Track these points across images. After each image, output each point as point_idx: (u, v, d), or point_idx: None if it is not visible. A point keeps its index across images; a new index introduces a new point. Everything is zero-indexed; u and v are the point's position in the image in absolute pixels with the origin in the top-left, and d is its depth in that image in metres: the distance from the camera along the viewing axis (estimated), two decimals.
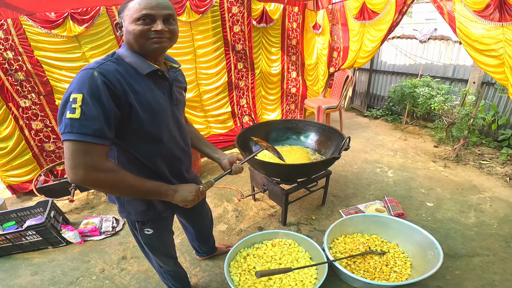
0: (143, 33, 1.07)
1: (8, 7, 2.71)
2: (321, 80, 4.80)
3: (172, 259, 1.66)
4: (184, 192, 1.21)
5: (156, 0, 1.08)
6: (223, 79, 3.89)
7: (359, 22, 4.11)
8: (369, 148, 4.14)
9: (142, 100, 1.09)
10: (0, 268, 2.29)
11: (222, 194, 3.15)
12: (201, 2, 3.34)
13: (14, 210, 2.74)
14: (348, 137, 2.26)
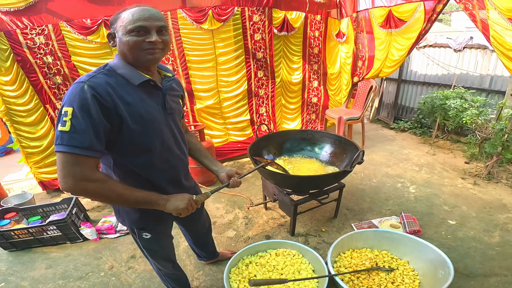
0: (137, 44, 1.11)
1: (49, 12, 2.98)
2: (344, 90, 4.72)
3: (170, 262, 1.70)
4: (176, 201, 1.23)
5: (149, 11, 1.12)
6: (243, 87, 3.97)
7: (385, 30, 4.02)
8: (392, 162, 4.00)
9: (133, 111, 1.12)
10: (19, 261, 2.47)
11: (234, 201, 3.19)
12: (223, 11, 3.47)
13: (41, 205, 2.97)
14: (362, 151, 2.24)
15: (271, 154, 2.88)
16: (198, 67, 3.68)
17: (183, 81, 3.67)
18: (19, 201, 3.23)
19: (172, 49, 3.50)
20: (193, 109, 3.84)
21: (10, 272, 2.32)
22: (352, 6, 4.18)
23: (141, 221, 1.38)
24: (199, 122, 3.87)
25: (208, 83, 3.81)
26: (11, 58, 3.03)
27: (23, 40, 2.99)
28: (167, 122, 1.28)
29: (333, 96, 4.86)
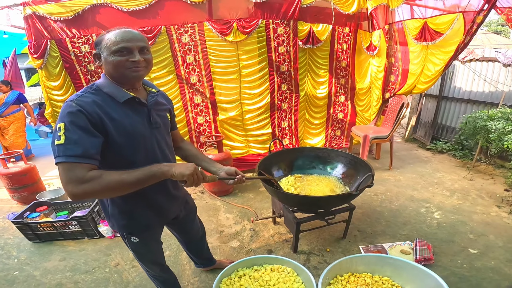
0: (121, 63, 1.22)
1: (94, 23, 3.36)
2: (374, 106, 4.54)
3: (158, 265, 1.79)
4: (181, 168, 1.22)
5: (131, 33, 1.24)
6: (266, 100, 4.03)
7: (420, 43, 3.85)
8: (420, 185, 3.76)
9: (118, 126, 1.22)
10: (38, 252, 2.74)
11: (245, 213, 3.24)
12: (247, 23, 3.59)
13: (70, 201, 3.28)
14: (371, 174, 2.17)
15: (281, 170, 2.88)
16: (222, 79, 3.83)
17: (208, 92, 3.84)
18: (52, 196, 3.61)
19: (198, 60, 3.69)
20: (216, 119, 3.98)
21: (27, 262, 2.58)
22: (385, 18, 4.06)
23: (128, 227, 1.48)
24: (221, 132, 4.01)
25: (231, 95, 3.93)
26: (60, 65, 3.44)
27: (71, 48, 3.39)
28: (152, 136, 1.36)
29: (361, 112, 4.69)
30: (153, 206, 1.50)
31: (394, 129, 4.04)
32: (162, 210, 1.56)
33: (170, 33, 3.53)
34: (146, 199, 1.44)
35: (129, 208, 1.44)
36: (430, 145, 5.01)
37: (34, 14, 3.21)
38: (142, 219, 1.47)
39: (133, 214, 1.45)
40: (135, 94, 1.32)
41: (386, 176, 4.02)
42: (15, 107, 5.54)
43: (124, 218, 1.44)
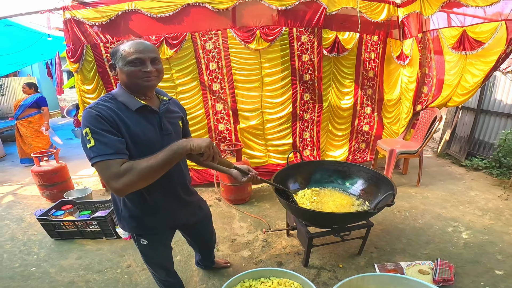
0: (135, 73, 1.32)
1: (125, 28, 3.57)
2: (404, 119, 4.32)
3: (164, 270, 1.83)
4: (199, 141, 1.27)
5: (144, 44, 1.34)
6: (288, 110, 4.00)
7: (457, 52, 3.62)
8: (450, 203, 3.54)
9: (131, 132, 1.32)
10: (58, 249, 2.90)
11: (259, 223, 3.22)
12: (270, 31, 3.61)
13: (93, 202, 3.44)
14: (391, 193, 2.07)
15: (297, 183, 2.84)
16: (244, 87, 3.87)
17: (229, 99, 3.89)
18: (79, 195, 3.80)
19: (221, 67, 3.76)
20: (236, 128, 4.02)
21: (45, 259, 2.73)
22: (418, 26, 3.88)
23: (138, 229, 1.56)
24: (241, 141, 4.04)
25: (252, 103, 3.96)
26: (94, 69, 3.67)
27: (104, 53, 3.61)
28: (163, 142, 1.40)
29: (389, 125, 4.48)
30: (163, 211, 1.56)
31: (424, 144, 3.82)
32: (172, 215, 1.62)
33: (195, 39, 3.63)
34: (157, 205, 1.51)
35: (138, 212, 1.51)
36: (465, 161, 4.68)
37: (72, 19, 3.46)
38: (151, 223, 1.55)
39: (143, 218, 1.53)
40: (148, 102, 1.41)
41: (412, 193, 3.84)
42: (32, 110, 5.53)
43: (134, 221, 1.52)
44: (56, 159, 4.13)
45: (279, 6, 3.55)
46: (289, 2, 3.55)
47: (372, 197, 2.57)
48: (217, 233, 3.01)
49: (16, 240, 3.05)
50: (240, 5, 3.54)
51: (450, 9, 3.61)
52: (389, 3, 3.90)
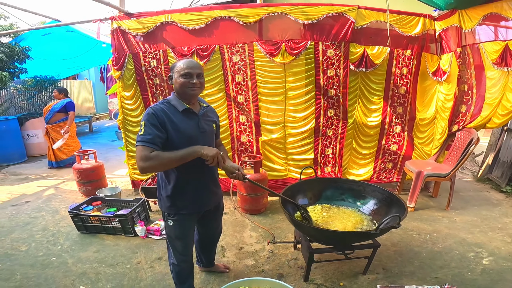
0: (185, 83, 1.81)
1: (162, 39, 3.87)
2: (437, 139, 4.06)
3: (182, 255, 2.09)
4: (208, 149, 1.74)
5: (193, 62, 1.85)
6: (310, 125, 4.01)
7: (499, 68, 3.37)
8: (478, 229, 3.36)
9: (175, 127, 1.78)
10: (81, 241, 3.21)
11: (268, 234, 3.27)
12: (295, 44, 3.67)
13: (121, 200, 3.78)
14: (397, 216, 2.05)
15: (306, 198, 2.86)
16: (268, 100, 3.97)
17: (252, 112, 4.01)
18: (109, 193, 4.17)
19: (246, 80, 3.90)
20: (258, 140, 4.11)
21: (67, 250, 3.05)
22: (457, 39, 3.65)
23: (170, 208, 1.94)
24: (262, 153, 4.12)
25: (275, 117, 4.04)
26: (133, 77, 4.03)
27: (143, 62, 3.96)
28: (198, 137, 1.87)
29: (421, 145, 4.23)
30: (194, 196, 1.96)
31: (457, 168, 3.58)
32: (202, 200, 2.01)
33: (223, 52, 3.83)
34: (190, 190, 1.93)
35: (174, 194, 1.91)
36: (506, 187, 4.27)
37: (118, 29, 3.85)
38: (181, 204, 1.93)
39: (176, 200, 1.92)
40: (191, 106, 1.88)
41: (438, 216, 3.66)
42: (62, 115, 5.75)
43: (168, 201, 1.93)
44: (95, 158, 4.57)
45: (305, 20, 3.61)
46: (315, 16, 3.60)
47: (382, 218, 2.51)
48: (227, 240, 3.17)
49: (47, 230, 3.44)
50: (267, 19, 3.66)
51: (491, 22, 3.39)
52: (425, 17, 3.74)
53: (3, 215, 3.88)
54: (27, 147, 6.85)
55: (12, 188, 4.93)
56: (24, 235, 3.34)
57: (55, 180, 5.27)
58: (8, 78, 5.98)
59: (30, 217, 3.78)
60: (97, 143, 8.23)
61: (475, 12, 3.44)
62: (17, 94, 8.69)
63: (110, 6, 3.75)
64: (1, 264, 2.83)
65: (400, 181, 4.18)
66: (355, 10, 3.60)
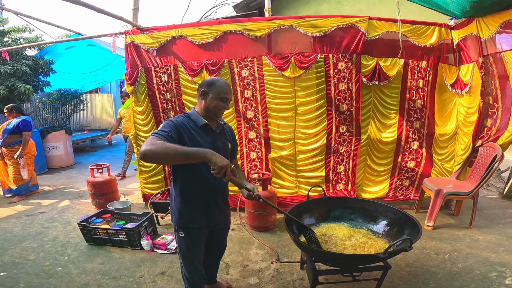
0: (220, 107, 2.00)
1: (172, 54, 4.16)
2: (459, 155, 4.00)
3: (192, 266, 2.23)
4: (219, 158, 1.65)
5: (230, 89, 2.13)
6: (321, 141, 4.10)
7: None
8: (503, 248, 3.31)
9: (193, 139, 1.93)
10: (88, 252, 3.45)
11: (276, 252, 3.34)
12: (305, 58, 3.81)
13: (130, 213, 4.04)
14: (409, 239, 2.06)
15: (313, 218, 2.90)
16: (277, 115, 4.11)
17: (262, 128, 4.17)
18: (120, 206, 4.44)
19: (256, 95, 4.08)
20: (268, 157, 4.24)
21: (73, 261, 3.30)
22: (478, 49, 3.64)
23: (179, 221, 2.09)
24: (271, 170, 4.25)
25: (285, 133, 4.16)
26: (145, 92, 4.33)
27: (154, 77, 4.26)
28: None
29: (441, 162, 4.18)
30: (202, 210, 2.08)
31: (481, 186, 3.51)
32: (210, 214, 2.13)
33: (232, 66, 4.04)
34: (198, 204, 2.06)
35: (183, 207, 2.06)
36: None
37: (132, 43, 4.18)
38: (190, 217, 2.07)
39: (185, 212, 2.07)
40: (209, 123, 2.04)
41: (460, 235, 3.61)
42: (17, 137, 5.16)
43: (178, 214, 2.08)
44: (108, 171, 4.89)
45: (315, 33, 3.76)
46: (325, 29, 3.74)
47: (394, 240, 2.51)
48: (232, 257, 3.29)
49: (57, 241, 3.74)
50: (275, 32, 3.85)
51: (509, 30, 3.37)
52: (441, 26, 3.78)
53: (17, 224, 4.25)
54: (48, 159, 7.44)
55: (29, 198, 5.36)
56: (35, 245, 3.64)
57: (71, 191, 5.67)
58: (32, 91, 6.53)
59: (42, 227, 4.12)
60: (114, 156, 8.72)
61: (493, 19, 3.46)
62: (42, 107, 9.42)
63: (123, 21, 4.10)
64: (7, 272, 3.11)
65: (418, 199, 4.15)
66: (366, 21, 3.72)
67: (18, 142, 5.16)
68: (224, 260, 3.15)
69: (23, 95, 6.41)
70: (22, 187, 5.32)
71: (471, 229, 3.74)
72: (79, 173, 7.01)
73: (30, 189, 5.49)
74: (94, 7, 3.58)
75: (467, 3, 3.36)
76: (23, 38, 7.89)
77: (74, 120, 11.76)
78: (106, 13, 3.82)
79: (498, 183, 5.34)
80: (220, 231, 2.38)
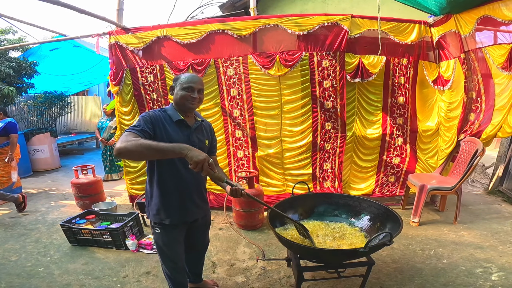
0: (185, 96, 1.99)
1: (158, 54, 4.15)
2: (443, 150, 4.07)
3: (171, 262, 2.22)
4: (196, 152, 1.64)
5: (196, 78, 2.06)
6: (307, 139, 4.14)
7: (507, 73, 3.38)
8: (488, 243, 3.38)
9: (169, 135, 1.94)
10: (71, 254, 3.42)
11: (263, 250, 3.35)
12: (290, 56, 3.86)
13: (115, 214, 3.99)
14: (388, 233, 2.08)
15: (297, 214, 2.91)
16: (264, 114, 4.14)
17: (248, 127, 4.19)
18: (104, 207, 4.38)
19: (241, 94, 4.10)
20: (255, 155, 4.26)
21: (56, 261, 3.26)
22: (458, 45, 3.73)
23: (155, 217, 2.09)
24: (259, 169, 4.27)
25: (271, 131, 4.20)
26: (131, 92, 4.31)
27: (140, 77, 4.24)
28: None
29: (425, 158, 4.27)
30: (177, 206, 2.08)
31: (463, 181, 3.59)
32: (186, 210, 2.13)
33: (218, 65, 4.06)
34: (174, 201, 2.06)
35: (159, 204, 2.05)
36: None
37: (116, 43, 4.16)
38: (166, 214, 2.06)
39: (161, 209, 2.06)
40: (185, 119, 2.05)
41: (445, 231, 3.68)
42: (4, 139, 4.98)
43: (154, 209, 2.08)
44: (93, 173, 4.83)
45: (299, 31, 3.81)
46: (309, 27, 3.79)
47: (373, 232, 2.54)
48: (219, 255, 3.28)
49: (40, 242, 3.70)
50: (260, 31, 3.89)
51: (485, 26, 3.46)
52: (420, 23, 3.86)
53: (0, 226, 4.19)
54: (33, 162, 7.35)
55: None
56: (17, 246, 3.60)
57: (56, 194, 5.61)
58: (15, 93, 6.43)
59: (25, 229, 4.07)
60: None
61: (469, 15, 3.56)
62: (27, 110, 9.26)
63: (107, 21, 4.07)
64: None
65: (404, 195, 4.22)
66: (348, 19, 3.77)
67: (4, 144, 5.03)
68: (211, 259, 3.16)
69: (7, 97, 6.30)
70: (5, 190, 5.15)
71: (456, 224, 3.82)
72: (65, 175, 6.94)
73: (14, 192, 5.32)
74: (75, 8, 3.55)
75: (444, 0, 3.43)
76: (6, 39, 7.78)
77: (61, 123, 11.58)
78: (88, 14, 3.79)
79: (483, 179, 5.47)
80: (199, 227, 2.37)
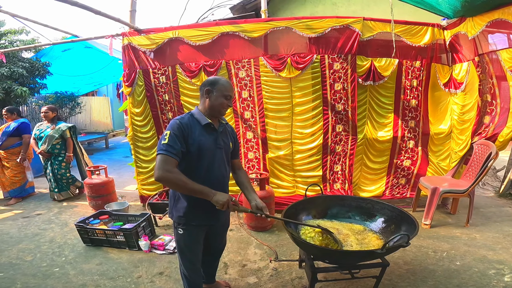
0: (224, 104, 2.08)
1: (170, 55, 4.18)
2: (457, 152, 4.05)
3: (190, 264, 2.28)
4: (220, 196, 1.91)
5: (232, 86, 2.15)
6: (318, 141, 4.14)
7: None
8: (501, 245, 3.37)
9: (197, 139, 2.01)
10: (85, 253, 3.47)
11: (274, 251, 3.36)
12: (301, 59, 3.88)
13: (128, 214, 4.04)
14: (406, 234, 2.11)
15: (310, 215, 2.92)
16: (274, 116, 4.15)
17: (259, 128, 4.21)
18: (117, 207, 4.44)
19: (253, 96, 4.13)
20: (265, 157, 4.28)
21: (70, 261, 3.31)
22: (473, 47, 3.70)
23: (180, 218, 2.15)
24: (269, 170, 4.29)
25: (282, 133, 4.21)
26: (143, 93, 4.35)
27: (152, 79, 4.28)
28: (215, 152, 2.12)
29: (437, 160, 4.25)
30: (206, 209, 2.09)
31: (476, 184, 3.57)
32: (212, 214, 2.16)
33: (229, 67, 4.08)
34: (201, 204, 2.05)
35: (186, 206, 2.10)
36: None
37: (129, 45, 4.20)
38: (190, 215, 2.12)
39: (187, 211, 2.11)
40: (212, 122, 2.11)
41: (457, 233, 3.67)
42: (16, 139, 5.19)
43: (179, 211, 2.13)
44: (106, 173, 4.89)
45: (310, 34, 3.82)
46: (320, 29, 3.80)
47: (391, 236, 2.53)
48: (231, 256, 3.31)
49: (54, 242, 3.75)
50: (272, 33, 3.91)
51: (498, 29, 3.44)
52: (433, 26, 3.86)
53: (13, 226, 4.26)
54: None
55: (26, 200, 5.37)
56: (31, 246, 3.65)
57: None
58: (28, 93, 6.53)
59: (39, 229, 4.13)
60: (111, 159, 8.75)
61: (481, 19, 3.53)
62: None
63: (121, 23, 4.10)
64: (4, 273, 3.12)
65: (415, 198, 4.21)
66: (360, 22, 3.78)
67: (17, 144, 5.21)
68: (223, 260, 3.17)
69: (20, 98, 6.40)
70: (17, 190, 5.34)
71: (468, 227, 3.81)
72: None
73: (27, 191, 5.50)
74: (92, 9, 3.60)
75: (458, 3, 3.43)
76: (19, 40, 7.90)
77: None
78: (103, 15, 3.83)
79: (494, 182, 5.43)
80: (219, 228, 2.42)
